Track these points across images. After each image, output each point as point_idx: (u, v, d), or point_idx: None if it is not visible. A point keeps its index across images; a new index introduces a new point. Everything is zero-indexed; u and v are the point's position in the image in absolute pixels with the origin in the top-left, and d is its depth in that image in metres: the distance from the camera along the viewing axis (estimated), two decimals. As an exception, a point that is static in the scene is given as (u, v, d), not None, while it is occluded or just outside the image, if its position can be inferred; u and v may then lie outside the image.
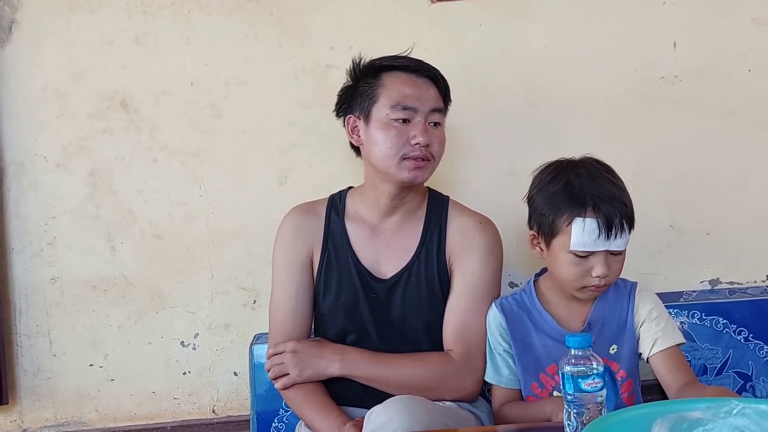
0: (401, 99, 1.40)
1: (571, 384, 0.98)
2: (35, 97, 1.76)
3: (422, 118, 1.40)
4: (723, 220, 1.75)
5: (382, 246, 1.47)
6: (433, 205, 1.50)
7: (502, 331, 1.39)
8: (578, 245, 1.26)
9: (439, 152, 1.44)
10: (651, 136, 1.76)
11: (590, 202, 1.26)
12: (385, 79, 1.44)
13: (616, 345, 1.35)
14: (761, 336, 1.60)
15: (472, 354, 1.39)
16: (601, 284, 1.29)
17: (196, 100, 1.77)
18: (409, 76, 1.44)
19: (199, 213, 1.78)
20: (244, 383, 1.76)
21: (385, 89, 1.42)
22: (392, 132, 1.40)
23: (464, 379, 1.38)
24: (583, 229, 1.25)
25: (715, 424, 0.83)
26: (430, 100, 1.43)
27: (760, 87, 1.75)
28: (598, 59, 1.75)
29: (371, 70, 1.46)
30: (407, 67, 1.44)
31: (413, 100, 1.41)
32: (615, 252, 1.29)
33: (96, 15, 1.75)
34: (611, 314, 1.36)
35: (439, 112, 1.44)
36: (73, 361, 1.78)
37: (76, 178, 1.77)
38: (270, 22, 1.76)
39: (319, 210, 1.52)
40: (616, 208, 1.26)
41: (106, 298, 1.78)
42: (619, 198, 1.29)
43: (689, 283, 1.75)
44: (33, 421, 1.79)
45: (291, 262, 1.48)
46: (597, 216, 1.25)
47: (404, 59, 1.46)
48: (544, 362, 1.35)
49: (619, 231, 1.26)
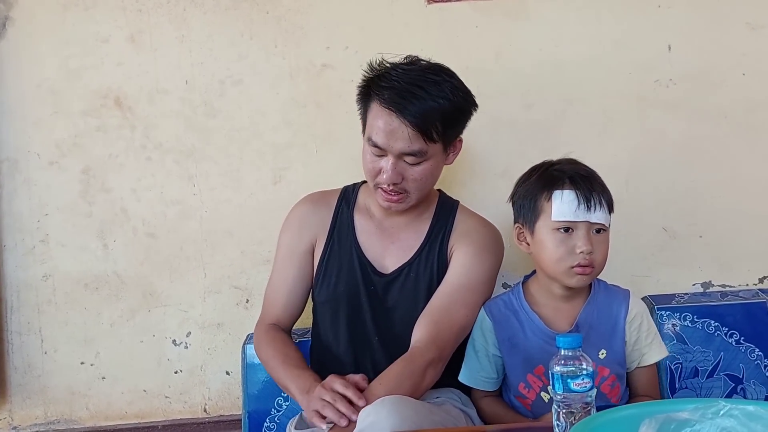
0: (373, 135, 1.36)
1: (560, 384, 0.98)
2: (29, 94, 1.75)
3: (392, 158, 1.35)
4: (716, 223, 1.76)
5: (387, 242, 1.48)
6: (441, 208, 1.50)
7: (490, 334, 1.40)
8: (559, 215, 1.30)
9: (416, 188, 1.39)
10: (645, 139, 1.76)
11: (567, 178, 1.32)
12: (372, 103, 1.37)
13: (605, 350, 1.36)
14: (752, 339, 1.60)
15: (441, 334, 1.36)
16: (587, 262, 1.30)
17: (191, 98, 1.77)
18: (388, 113, 1.33)
19: (193, 212, 1.78)
20: (236, 382, 1.76)
21: (369, 116, 1.38)
22: (369, 157, 1.39)
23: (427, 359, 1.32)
24: (562, 198, 1.30)
25: (703, 424, 0.83)
26: (402, 143, 1.33)
27: (753, 91, 1.75)
28: (593, 62, 1.76)
29: (372, 85, 1.39)
30: (389, 105, 1.33)
31: (383, 141, 1.34)
32: (597, 229, 1.31)
33: (91, 13, 1.75)
34: (600, 318, 1.37)
35: (414, 155, 1.35)
36: (64, 358, 1.78)
37: (70, 175, 1.77)
38: (266, 21, 1.76)
39: (330, 200, 1.54)
40: (593, 184, 1.32)
41: (98, 296, 1.77)
42: (596, 178, 1.35)
43: (681, 285, 1.76)
44: (23, 418, 1.78)
45: (294, 250, 1.51)
46: (575, 188, 1.31)
47: (394, 96, 1.33)
48: (531, 363, 1.36)
49: (597, 203, 1.30)
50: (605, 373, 1.35)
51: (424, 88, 1.34)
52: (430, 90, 1.34)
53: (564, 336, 1.01)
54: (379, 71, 1.39)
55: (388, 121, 1.34)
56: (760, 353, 1.60)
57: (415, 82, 1.34)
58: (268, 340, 1.47)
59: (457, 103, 1.37)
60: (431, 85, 1.35)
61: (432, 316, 1.38)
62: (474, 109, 1.43)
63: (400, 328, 1.42)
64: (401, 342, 1.39)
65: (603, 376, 1.35)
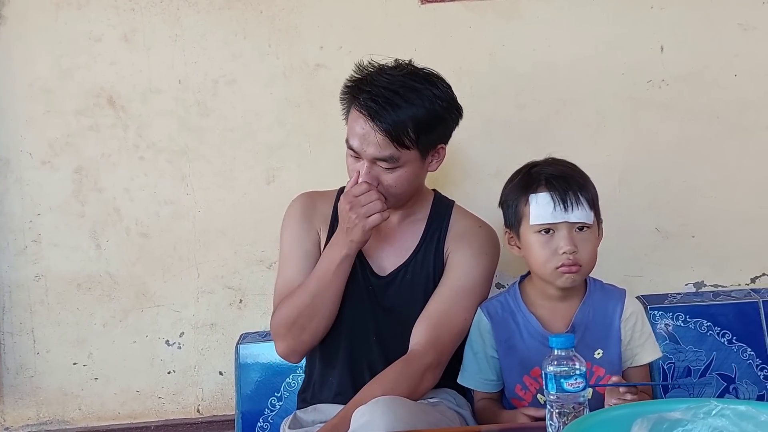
0: (349, 138, 1.37)
1: (553, 384, 0.98)
2: (21, 94, 1.75)
3: (367, 162, 1.35)
4: (708, 223, 1.76)
5: (383, 243, 1.47)
6: (437, 209, 1.50)
7: (488, 336, 1.39)
8: (536, 218, 1.31)
9: (393, 193, 1.37)
10: (638, 139, 1.77)
11: (543, 180, 1.33)
12: (351, 106, 1.38)
13: (602, 350, 1.36)
14: (745, 339, 1.60)
15: (441, 338, 1.37)
16: (571, 262, 1.30)
17: (184, 98, 1.76)
18: (362, 118, 1.33)
19: (186, 211, 1.77)
20: (229, 383, 1.75)
21: (348, 117, 1.39)
22: (349, 160, 1.39)
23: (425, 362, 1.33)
24: (537, 201, 1.31)
25: (695, 424, 0.83)
26: (373, 148, 1.33)
27: (746, 92, 1.76)
28: (587, 62, 1.76)
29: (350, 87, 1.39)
30: (361, 109, 1.33)
31: (357, 145, 1.35)
32: (579, 227, 1.31)
33: (84, 11, 1.75)
34: (596, 318, 1.37)
35: (385, 160, 1.33)
36: (56, 359, 1.77)
37: (62, 175, 1.76)
38: (259, 20, 1.76)
39: (326, 199, 1.53)
40: (569, 184, 1.32)
41: (90, 297, 1.77)
42: (573, 176, 1.33)
43: (674, 285, 1.76)
44: (15, 419, 1.77)
45: (302, 240, 1.47)
46: (549, 190, 1.31)
47: (368, 100, 1.32)
48: (528, 364, 1.36)
49: (574, 202, 1.30)
50: (601, 373, 1.35)
51: (400, 95, 1.32)
52: (407, 96, 1.33)
53: (557, 336, 1.02)
54: (362, 75, 1.38)
55: (361, 125, 1.34)
56: (752, 353, 1.61)
57: (392, 88, 1.33)
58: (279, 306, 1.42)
59: (434, 111, 1.35)
60: (410, 92, 1.33)
61: (431, 319, 1.38)
62: (457, 118, 1.42)
63: (397, 329, 1.42)
64: (398, 342, 1.40)
65: (599, 376, 1.35)
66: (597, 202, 1.36)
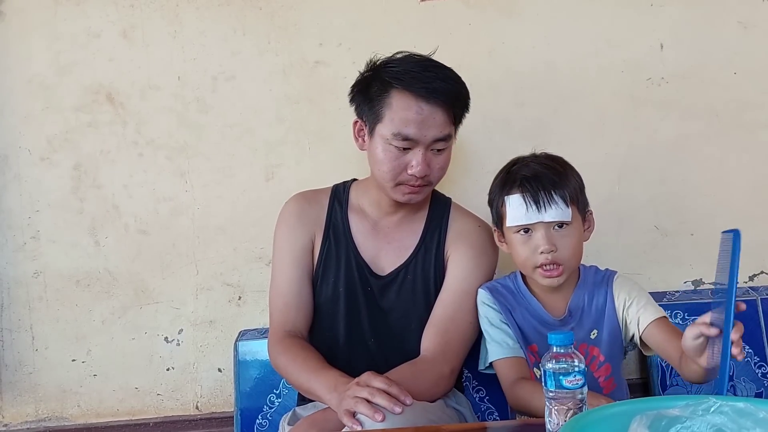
0: (403, 127, 1.32)
1: (552, 381, 0.98)
2: (20, 90, 1.74)
3: (423, 149, 1.34)
4: (707, 221, 1.76)
5: (382, 242, 1.47)
6: (435, 206, 1.50)
7: (492, 303, 1.40)
8: (512, 220, 1.34)
9: (438, 177, 1.40)
10: (637, 137, 1.77)
11: (516, 182, 1.34)
12: (393, 96, 1.34)
13: (597, 330, 1.38)
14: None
15: (450, 345, 1.38)
16: (549, 261, 1.31)
17: (183, 94, 1.76)
18: (416, 101, 1.32)
19: (185, 208, 1.77)
20: (228, 380, 1.75)
21: (390, 110, 1.34)
22: (391, 155, 1.35)
23: (438, 371, 1.35)
24: (510, 203, 1.33)
25: (694, 421, 0.83)
26: (435, 129, 1.33)
27: (745, 90, 1.76)
28: (586, 60, 1.76)
29: (384, 76, 1.35)
30: (417, 90, 1.32)
31: (415, 132, 1.32)
32: (557, 226, 1.32)
33: (83, 8, 1.74)
34: (590, 301, 1.39)
35: (444, 140, 1.35)
36: (55, 356, 1.77)
37: (61, 171, 1.76)
38: (259, 17, 1.75)
39: (321, 198, 1.51)
40: (542, 183, 1.32)
41: (89, 293, 1.77)
42: (547, 175, 1.33)
43: (673, 283, 1.77)
44: (14, 416, 1.77)
45: (294, 247, 1.46)
46: (522, 191, 1.32)
47: (417, 80, 1.32)
48: (525, 341, 1.38)
49: (547, 202, 1.30)
50: (595, 353, 1.36)
51: (442, 68, 1.36)
52: (446, 73, 1.36)
53: (556, 333, 1.02)
54: (392, 62, 1.37)
55: (421, 109, 1.32)
56: (749, 350, 1.61)
57: (432, 64, 1.36)
58: (282, 349, 1.39)
59: (464, 88, 1.40)
60: (445, 69, 1.37)
61: (439, 326, 1.39)
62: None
63: (397, 330, 1.43)
64: (397, 344, 1.40)
65: (593, 356, 1.36)
66: (581, 194, 1.36)
